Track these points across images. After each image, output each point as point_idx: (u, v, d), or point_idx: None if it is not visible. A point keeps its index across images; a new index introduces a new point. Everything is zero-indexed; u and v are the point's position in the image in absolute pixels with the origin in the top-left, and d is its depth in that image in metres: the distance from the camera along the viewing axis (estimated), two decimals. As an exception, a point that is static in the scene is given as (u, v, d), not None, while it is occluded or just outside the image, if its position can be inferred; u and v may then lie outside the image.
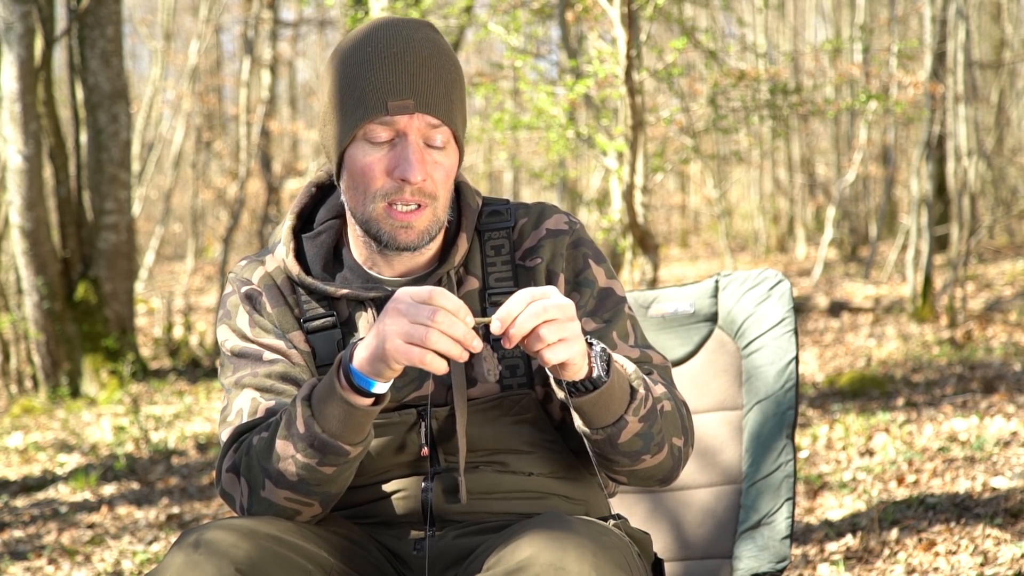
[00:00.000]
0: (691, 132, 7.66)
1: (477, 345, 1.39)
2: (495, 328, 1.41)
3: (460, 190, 1.71)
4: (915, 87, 8.96)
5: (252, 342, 1.66)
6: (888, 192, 11.85)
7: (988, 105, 12.03)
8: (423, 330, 1.38)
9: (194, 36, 13.47)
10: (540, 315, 1.40)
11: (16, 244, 7.91)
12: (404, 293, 1.41)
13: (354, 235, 1.68)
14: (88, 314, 8.17)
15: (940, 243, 11.31)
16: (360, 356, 1.44)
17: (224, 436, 1.62)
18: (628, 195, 5.04)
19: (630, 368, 1.55)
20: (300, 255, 1.70)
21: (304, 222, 1.74)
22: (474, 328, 1.42)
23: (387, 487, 1.65)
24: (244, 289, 1.70)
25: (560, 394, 1.53)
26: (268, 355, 1.65)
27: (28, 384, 8.39)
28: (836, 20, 14.62)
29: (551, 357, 1.42)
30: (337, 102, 1.59)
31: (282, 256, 1.70)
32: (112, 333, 8.19)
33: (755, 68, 6.74)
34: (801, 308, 9.30)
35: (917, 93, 9.00)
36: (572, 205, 13.24)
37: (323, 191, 1.76)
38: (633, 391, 1.54)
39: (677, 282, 10.71)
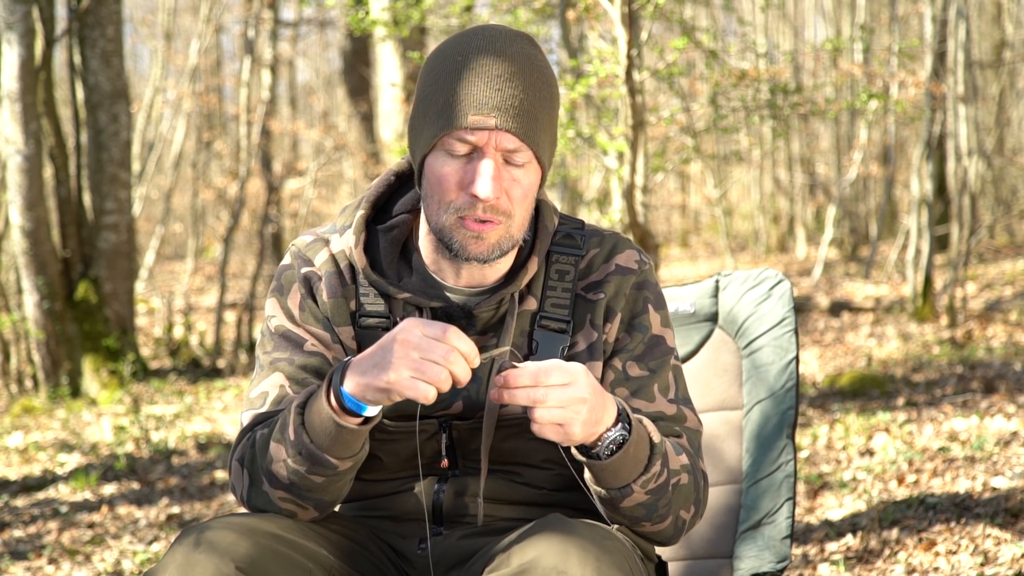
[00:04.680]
0: (692, 132, 7.66)
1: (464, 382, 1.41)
2: (499, 382, 1.43)
3: (539, 209, 1.68)
4: (916, 87, 8.96)
5: (298, 326, 1.64)
6: (888, 192, 11.85)
7: (988, 105, 12.03)
8: (436, 369, 1.37)
9: (194, 36, 13.47)
10: (532, 401, 1.41)
11: (16, 244, 7.91)
12: (414, 325, 1.39)
13: (425, 236, 1.65)
14: (88, 314, 8.17)
15: (940, 243, 11.31)
16: (355, 381, 1.43)
17: (244, 419, 1.61)
18: (628, 195, 5.04)
19: (656, 438, 1.54)
20: (369, 247, 1.66)
21: (377, 212, 1.71)
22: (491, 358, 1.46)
23: (400, 484, 1.65)
24: (304, 270, 1.67)
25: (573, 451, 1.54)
26: (310, 345, 1.63)
27: (28, 384, 8.39)
28: (836, 20, 14.61)
29: (536, 431, 1.44)
30: (423, 109, 1.56)
31: (350, 243, 1.66)
32: (112, 333, 8.19)
33: (756, 68, 6.73)
34: (801, 308, 9.30)
35: (918, 93, 9.00)
36: (572, 205, 13.23)
37: (401, 180, 1.73)
38: (648, 465, 1.53)
39: (677, 282, 10.70)
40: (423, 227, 1.65)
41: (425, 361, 1.38)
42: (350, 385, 1.43)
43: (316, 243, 1.70)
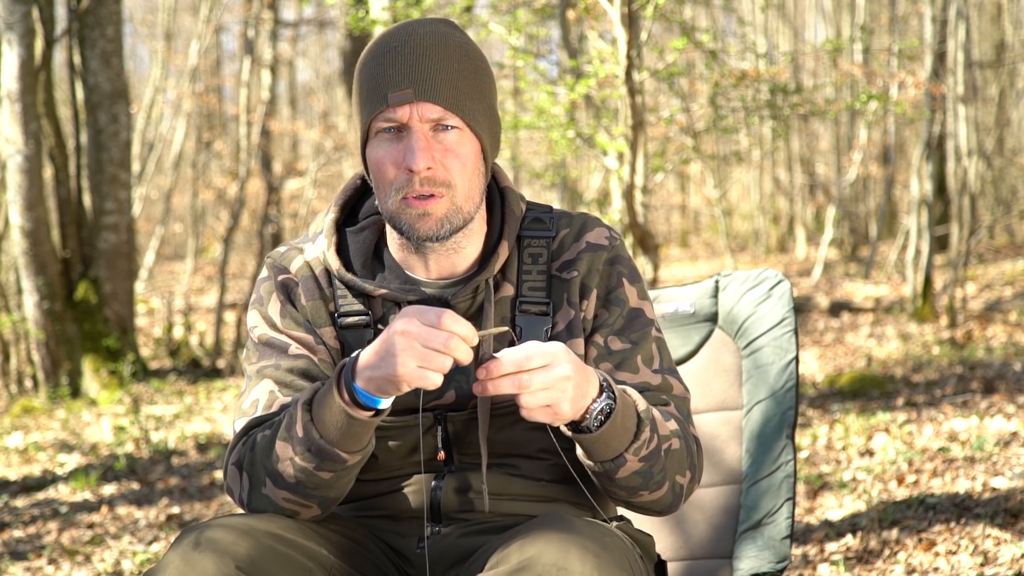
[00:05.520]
0: (691, 132, 7.66)
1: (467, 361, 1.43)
2: (481, 374, 1.44)
3: (505, 196, 1.70)
4: (916, 87, 8.96)
5: (281, 332, 1.66)
6: (888, 192, 11.85)
7: (988, 105, 12.03)
8: (440, 357, 1.39)
9: (194, 36, 13.47)
10: (517, 388, 1.43)
11: (16, 244, 7.91)
12: (412, 315, 1.41)
13: (391, 234, 1.68)
14: (88, 314, 8.17)
15: (940, 243, 11.32)
16: (366, 376, 1.44)
17: (237, 427, 1.62)
18: (628, 195, 5.04)
19: (642, 406, 1.55)
20: (341, 249, 1.69)
21: (347, 215, 1.74)
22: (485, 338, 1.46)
23: (396, 482, 1.65)
24: (280, 278, 1.69)
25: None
26: (294, 349, 1.64)
27: (28, 384, 8.39)
28: (836, 20, 14.62)
29: (526, 416, 1.46)
30: (354, 105, 1.62)
31: (323, 248, 1.69)
32: (112, 333, 8.19)
33: (756, 68, 6.73)
34: (801, 308, 9.30)
35: (918, 93, 9.01)
36: (572, 205, 13.23)
37: (367, 184, 1.75)
38: (638, 432, 1.54)
39: (677, 282, 10.71)
40: (388, 226, 1.68)
41: (428, 350, 1.39)
42: (363, 381, 1.45)
43: (290, 252, 1.72)
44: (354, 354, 1.48)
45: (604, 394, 1.51)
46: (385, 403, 1.47)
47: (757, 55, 8.42)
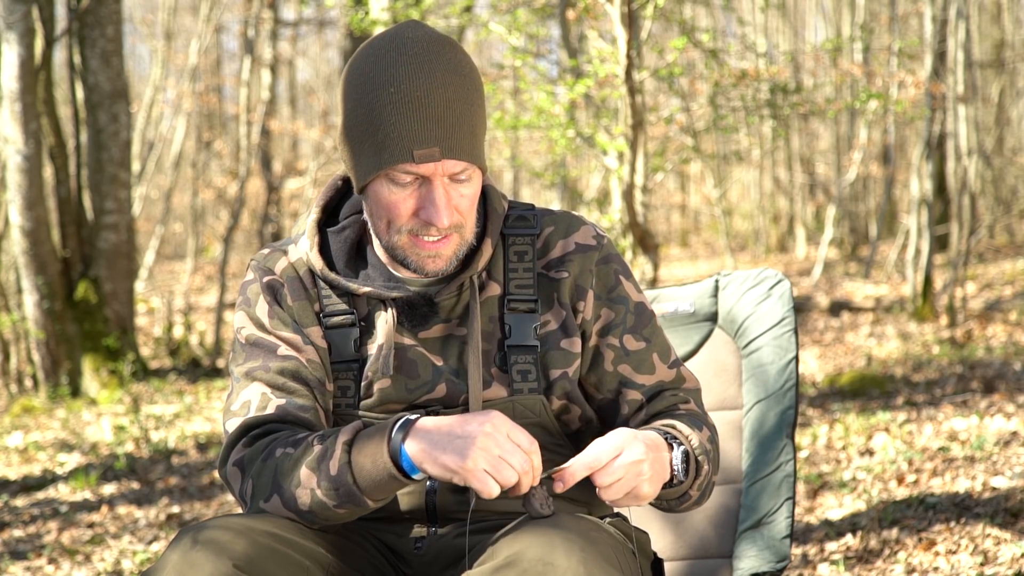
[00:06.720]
0: (691, 132, 7.66)
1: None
2: (559, 488, 1.48)
3: (486, 194, 1.70)
4: (916, 87, 8.96)
5: (269, 333, 1.65)
6: (888, 192, 11.85)
7: (988, 104, 12.03)
8: (510, 473, 1.41)
9: (194, 35, 13.47)
10: (633, 480, 1.48)
11: (16, 244, 7.91)
12: (503, 424, 1.42)
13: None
14: (88, 314, 8.17)
15: (940, 243, 11.31)
16: (422, 448, 1.42)
17: (231, 427, 1.61)
18: (628, 195, 5.04)
19: (695, 442, 1.60)
20: (324, 249, 1.69)
21: (329, 216, 1.73)
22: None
23: None
24: (266, 279, 1.69)
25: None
26: (283, 350, 1.64)
27: (28, 384, 8.39)
28: (836, 19, 14.61)
29: (644, 501, 1.52)
30: (359, 137, 1.56)
31: (305, 249, 1.69)
32: (112, 333, 8.19)
33: (755, 68, 6.73)
34: (801, 308, 9.30)
35: (918, 93, 9.01)
36: (572, 205, 13.23)
37: (349, 184, 1.75)
38: (698, 467, 1.60)
39: (677, 282, 10.70)
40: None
41: (503, 461, 1.40)
42: (414, 449, 1.43)
43: (274, 254, 1.72)
44: (412, 416, 1.47)
45: (673, 447, 1.56)
46: (419, 476, 1.46)
47: (757, 55, 8.42)
